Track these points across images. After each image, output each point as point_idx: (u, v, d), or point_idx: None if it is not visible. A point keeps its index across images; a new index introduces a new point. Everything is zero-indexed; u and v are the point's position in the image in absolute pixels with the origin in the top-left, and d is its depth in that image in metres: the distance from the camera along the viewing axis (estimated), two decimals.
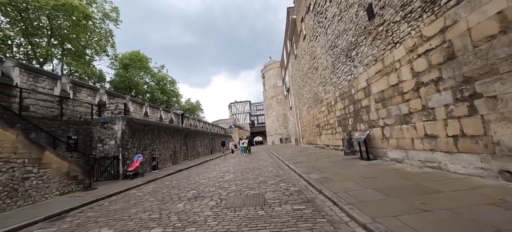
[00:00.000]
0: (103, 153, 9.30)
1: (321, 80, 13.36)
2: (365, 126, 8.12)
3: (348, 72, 9.24)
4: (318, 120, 15.25)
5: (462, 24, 4.00)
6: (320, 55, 12.97)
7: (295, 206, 3.81)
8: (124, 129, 9.54)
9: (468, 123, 4.04)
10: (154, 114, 15.74)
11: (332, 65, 11.03)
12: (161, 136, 12.77)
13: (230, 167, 10.38)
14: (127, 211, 4.55)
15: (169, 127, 14.06)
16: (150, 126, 11.76)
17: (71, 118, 9.08)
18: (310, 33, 14.84)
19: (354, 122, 9.12)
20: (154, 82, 35.87)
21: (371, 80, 7.29)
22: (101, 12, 25.82)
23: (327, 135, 13.35)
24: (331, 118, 12.22)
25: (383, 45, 6.44)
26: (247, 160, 12.59)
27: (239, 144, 22.17)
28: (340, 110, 10.57)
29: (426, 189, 3.61)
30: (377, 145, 7.36)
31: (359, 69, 8.09)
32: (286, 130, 46.32)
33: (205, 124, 28.94)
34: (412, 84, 5.40)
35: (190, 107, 46.65)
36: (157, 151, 12.11)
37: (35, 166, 5.92)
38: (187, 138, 17.03)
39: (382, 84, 6.69)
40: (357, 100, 8.57)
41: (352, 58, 8.64)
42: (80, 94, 9.87)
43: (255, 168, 9.21)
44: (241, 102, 69.21)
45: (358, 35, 7.95)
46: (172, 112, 18.76)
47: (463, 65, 4.05)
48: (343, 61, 9.58)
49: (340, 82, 10.21)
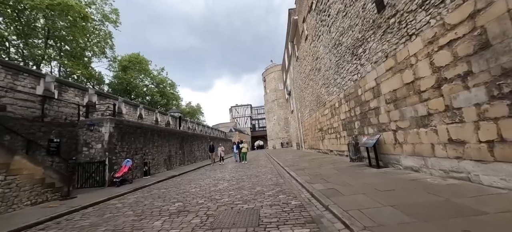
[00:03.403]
0: (88, 158, 8.59)
1: (324, 81, 12.65)
2: (373, 130, 7.37)
3: (354, 71, 8.53)
4: (320, 123, 14.50)
5: (500, 5, 3.29)
6: (323, 55, 12.29)
7: (297, 229, 3.04)
8: (112, 131, 8.86)
9: (509, 125, 3.30)
10: (149, 117, 15.07)
11: (336, 64, 10.33)
12: (155, 139, 12.07)
13: (226, 173, 9.61)
14: (94, 229, 3.81)
15: (163, 130, 13.36)
16: (143, 129, 11.08)
17: (55, 119, 8.43)
18: (312, 33, 14.21)
19: (361, 126, 8.37)
20: (154, 85, 35.40)
21: (381, 79, 6.57)
22: (100, 13, 25.53)
23: (330, 139, 12.58)
24: (335, 121, 11.47)
25: (396, 39, 5.74)
26: (245, 167, 11.81)
27: (234, 149, 17.42)
28: (345, 113, 9.83)
29: (462, 209, 2.85)
30: (388, 151, 6.60)
31: (367, 68, 7.38)
32: (287, 134, 45.46)
33: (204, 127, 28.21)
34: (432, 81, 4.67)
35: (190, 111, 45.95)
36: (150, 156, 11.39)
37: (1, 172, 5.23)
38: (184, 141, 16.31)
39: (394, 82, 5.96)
40: (364, 102, 7.84)
41: (359, 56, 7.94)
42: (67, 94, 9.24)
43: (252, 175, 8.45)
44: (242, 106, 68.56)
45: (365, 31, 7.27)
46: (169, 115, 18.09)
47: (501, 55, 3.32)
48: (349, 59, 8.88)
49: (345, 82, 9.50)
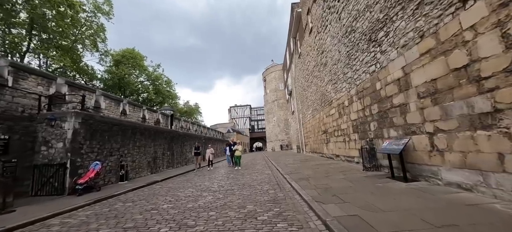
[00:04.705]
0: (47, 159, 7.10)
1: (331, 77, 11.19)
2: (397, 133, 5.89)
3: (370, 61, 7.07)
4: (325, 125, 13.00)
5: None
6: (330, 47, 10.84)
7: None
8: (78, 128, 7.36)
9: None
10: (135, 113, 13.57)
11: (347, 56, 8.87)
12: (137, 139, 10.56)
13: (214, 181, 8.08)
14: None
15: (149, 129, 11.84)
16: (121, 126, 9.56)
17: (7, 111, 6.93)
18: (318, 25, 12.77)
19: (378, 127, 6.89)
20: (149, 82, 33.90)
21: (412, 67, 5.09)
22: (92, 4, 24.17)
23: (337, 143, 11.09)
24: (343, 122, 9.99)
25: (438, 10, 4.27)
26: (239, 173, 10.26)
27: (226, 151, 14.76)
28: (357, 112, 8.35)
29: None
30: (419, 159, 5.11)
31: (391, 54, 5.91)
32: (287, 136, 43.94)
33: (199, 127, 26.67)
34: (504, 62, 3.21)
35: (187, 110, 44.45)
36: (129, 158, 9.87)
37: None
38: (174, 142, 14.79)
39: (433, 69, 4.49)
40: (384, 98, 6.37)
41: (379, 42, 6.47)
42: (27, 82, 7.74)
43: (245, 185, 6.94)
44: (241, 106, 67.03)
45: (390, 7, 5.80)
46: (159, 112, 16.57)
47: None
48: (364, 48, 7.42)
49: (358, 76, 8.03)
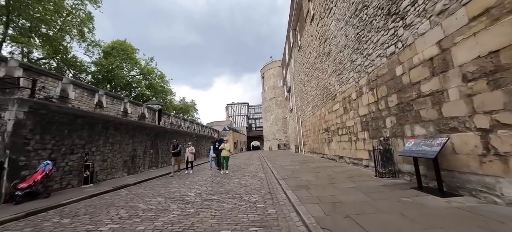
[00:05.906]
0: None
1: (335, 67, 9.79)
2: (426, 130, 4.50)
3: (388, 41, 5.67)
4: (327, 122, 11.62)
5: None
6: (336, 32, 9.43)
7: None
8: (23, 119, 5.89)
9: None
10: (114, 106, 12.07)
11: (357, 39, 7.47)
12: (110, 134, 9.09)
13: (192, 188, 6.60)
14: None
15: (125, 123, 10.35)
16: (88, 118, 8.09)
17: None
18: (321, 9, 11.37)
19: (397, 123, 5.51)
20: (141, 76, 32.34)
21: (455, 38, 3.70)
22: None
23: (340, 142, 9.71)
24: (349, 118, 8.60)
25: None
26: (226, 176, 8.69)
27: (210, 151, 11.96)
28: (368, 106, 6.97)
29: None
30: (463, 166, 3.73)
31: (419, 27, 4.51)
32: (285, 135, 42.57)
33: (192, 123, 25.17)
34: None
35: (183, 107, 42.95)
36: (99, 156, 8.40)
37: None
38: (159, 139, 13.33)
39: (494, 37, 3.10)
40: (408, 85, 4.98)
41: (402, 14, 5.07)
42: None
43: (230, 193, 5.52)
44: (239, 104, 65.54)
45: None
46: (144, 107, 15.07)
47: None
48: (380, 25, 6.02)
49: (371, 62, 6.64)
